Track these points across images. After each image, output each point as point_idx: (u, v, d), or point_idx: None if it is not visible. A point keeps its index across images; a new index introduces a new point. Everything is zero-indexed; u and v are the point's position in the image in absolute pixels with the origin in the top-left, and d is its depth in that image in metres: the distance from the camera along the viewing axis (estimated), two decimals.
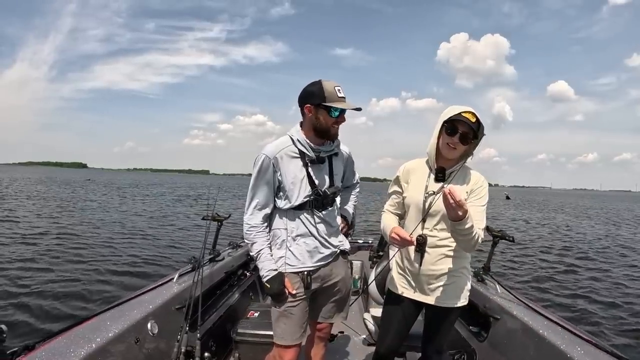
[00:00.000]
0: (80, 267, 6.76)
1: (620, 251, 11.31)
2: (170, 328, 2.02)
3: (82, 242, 8.99)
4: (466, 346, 2.49)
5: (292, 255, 1.79)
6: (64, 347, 1.46)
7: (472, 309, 2.52)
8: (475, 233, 1.55)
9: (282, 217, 1.80)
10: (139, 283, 5.75)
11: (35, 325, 4.27)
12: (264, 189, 1.76)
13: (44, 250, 7.91)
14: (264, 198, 1.77)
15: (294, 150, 1.75)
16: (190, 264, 2.55)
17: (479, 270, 2.76)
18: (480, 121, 1.61)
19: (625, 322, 5.38)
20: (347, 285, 1.98)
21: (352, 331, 3.04)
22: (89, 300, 5.14)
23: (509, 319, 2.18)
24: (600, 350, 1.70)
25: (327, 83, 1.69)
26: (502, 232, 2.65)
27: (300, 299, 1.81)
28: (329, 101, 1.68)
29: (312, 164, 1.77)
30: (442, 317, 1.79)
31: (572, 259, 9.74)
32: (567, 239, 13.47)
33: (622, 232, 16.98)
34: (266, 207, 1.79)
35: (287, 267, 1.79)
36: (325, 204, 1.81)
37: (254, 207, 1.78)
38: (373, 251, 3.99)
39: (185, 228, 12.31)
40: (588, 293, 6.72)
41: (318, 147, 1.77)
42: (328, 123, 1.71)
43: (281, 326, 1.81)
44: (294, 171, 1.74)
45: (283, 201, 1.78)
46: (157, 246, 9.04)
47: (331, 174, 1.84)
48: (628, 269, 8.90)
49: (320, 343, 2.03)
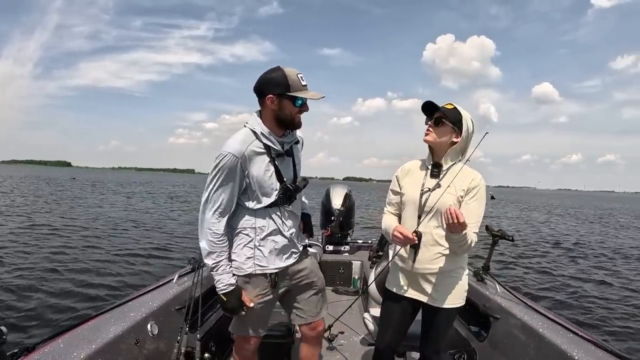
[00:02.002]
0: (80, 268, 6.74)
1: (620, 251, 11.34)
2: (170, 329, 2.02)
3: (81, 243, 8.97)
4: (466, 346, 2.49)
5: (261, 255, 1.70)
6: (64, 349, 1.46)
7: (472, 309, 2.52)
8: (469, 239, 1.57)
9: (250, 216, 1.69)
10: (139, 284, 5.76)
11: (35, 326, 4.26)
12: (228, 192, 1.61)
13: (42, 252, 7.89)
14: (227, 201, 1.63)
15: (259, 145, 1.62)
16: (190, 265, 2.54)
17: (479, 269, 2.76)
18: (459, 110, 1.71)
19: (627, 320, 5.39)
20: (319, 275, 1.92)
21: (352, 331, 3.03)
22: (88, 302, 5.14)
23: (509, 319, 2.17)
24: (600, 350, 1.70)
25: (288, 70, 1.59)
26: (501, 232, 2.62)
27: (266, 300, 1.76)
28: (293, 90, 1.58)
29: (278, 157, 1.67)
30: (438, 317, 1.77)
31: (571, 258, 9.76)
32: (564, 238, 13.51)
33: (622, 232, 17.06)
34: (229, 211, 1.65)
35: (256, 267, 1.70)
36: (292, 197, 1.72)
37: (217, 212, 1.62)
38: (373, 251, 3.99)
39: (185, 228, 12.29)
40: (588, 292, 6.73)
41: (282, 139, 1.68)
42: (292, 113, 1.62)
43: (239, 320, 1.77)
44: (261, 168, 1.63)
45: (252, 202, 1.67)
46: (156, 247, 9.02)
47: (294, 164, 1.76)
48: (628, 268, 8.91)
49: (316, 343, 1.98)
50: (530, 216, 25.11)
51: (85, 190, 30.73)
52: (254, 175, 1.62)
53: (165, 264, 7.43)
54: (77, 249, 8.36)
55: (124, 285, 5.90)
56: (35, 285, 5.64)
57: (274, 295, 1.79)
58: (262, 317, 1.81)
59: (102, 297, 5.32)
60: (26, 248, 8.12)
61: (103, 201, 21.65)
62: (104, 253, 8.10)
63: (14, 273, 6.22)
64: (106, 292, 5.53)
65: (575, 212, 32.82)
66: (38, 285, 5.64)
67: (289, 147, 1.73)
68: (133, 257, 7.87)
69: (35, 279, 5.95)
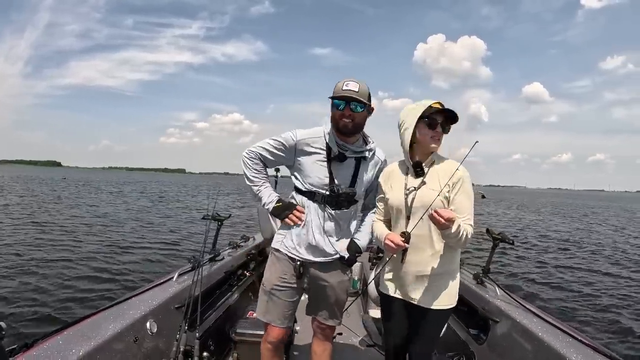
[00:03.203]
0: (80, 265, 6.75)
1: (621, 251, 11.30)
2: (169, 327, 2.02)
3: (81, 240, 9.00)
4: (465, 349, 2.48)
5: (290, 238, 1.84)
6: (63, 345, 1.46)
7: (472, 312, 2.52)
8: (462, 232, 1.55)
9: (297, 198, 1.84)
10: (139, 282, 5.77)
11: (34, 323, 4.26)
12: (274, 154, 1.83)
13: (41, 249, 7.90)
14: (266, 155, 1.84)
15: (322, 142, 1.78)
16: (190, 264, 2.55)
17: (479, 272, 2.75)
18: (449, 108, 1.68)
19: (627, 326, 5.37)
20: (338, 293, 1.93)
21: (351, 332, 3.03)
22: (88, 299, 5.14)
23: (508, 322, 2.17)
24: (599, 354, 1.70)
25: (346, 78, 1.73)
26: (502, 235, 2.60)
27: (288, 286, 1.85)
28: (334, 94, 1.70)
29: (334, 159, 1.77)
30: (425, 319, 1.73)
31: (571, 259, 9.73)
32: (565, 240, 13.48)
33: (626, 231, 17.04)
34: (262, 160, 1.86)
35: (282, 245, 1.85)
36: (339, 203, 1.80)
37: (256, 150, 1.84)
38: (373, 252, 3.98)
39: (185, 227, 12.31)
40: (588, 295, 6.69)
41: (345, 144, 1.77)
42: (336, 116, 1.73)
43: (264, 303, 1.88)
44: (314, 160, 1.78)
45: (299, 182, 1.82)
46: (157, 245, 9.04)
47: (355, 176, 1.82)
48: (629, 269, 8.88)
49: (325, 341, 2.03)
50: (525, 216, 25.11)
51: (80, 189, 30.85)
52: (306, 164, 1.79)
53: (166, 262, 7.44)
54: (76, 247, 8.37)
55: (124, 283, 5.90)
56: (34, 282, 5.64)
57: (297, 286, 1.87)
58: (283, 306, 1.87)
59: (102, 294, 5.31)
60: (24, 246, 8.14)
61: (101, 201, 21.71)
62: (103, 251, 8.10)
63: (13, 270, 6.23)
64: (106, 290, 5.53)
65: (571, 211, 32.86)
66: (37, 283, 5.65)
67: (351, 156, 1.80)
68: (134, 255, 7.88)
69: (34, 276, 5.96)
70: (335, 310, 1.96)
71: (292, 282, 1.84)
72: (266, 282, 1.88)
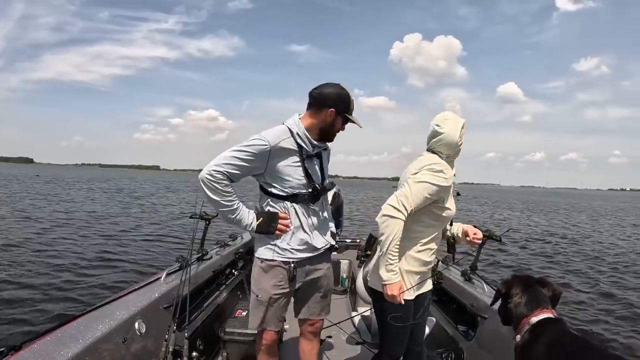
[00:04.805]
0: (66, 266, 6.63)
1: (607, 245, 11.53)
2: (158, 327, 2.01)
3: (67, 240, 8.84)
4: (454, 345, 2.52)
5: (282, 243, 1.82)
6: (51, 347, 1.44)
7: (460, 308, 2.55)
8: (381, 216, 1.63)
9: (278, 205, 1.81)
10: (126, 282, 5.68)
11: (22, 325, 4.19)
12: (244, 167, 1.71)
13: (27, 250, 7.75)
14: (238, 171, 1.71)
15: (292, 143, 1.76)
16: (177, 263, 2.53)
17: (467, 269, 2.79)
18: None
19: (613, 318, 5.48)
20: (330, 280, 2.02)
21: (339, 330, 3.04)
22: (75, 300, 5.06)
23: (496, 318, 2.19)
24: None
25: (351, 94, 1.80)
26: (489, 232, 2.59)
27: (285, 292, 1.85)
28: (350, 113, 1.82)
29: (307, 158, 1.80)
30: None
31: (556, 253, 9.90)
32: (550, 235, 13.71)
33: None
34: (233, 179, 1.72)
35: (275, 254, 1.82)
36: (319, 197, 1.86)
37: (224, 170, 1.68)
38: (361, 250, 4.00)
39: (172, 226, 12.17)
40: (575, 289, 6.82)
41: (315, 143, 1.81)
42: (337, 129, 1.83)
43: (260, 314, 1.85)
44: (289, 163, 1.76)
45: (276, 188, 1.79)
46: (144, 245, 8.92)
47: (322, 169, 1.90)
48: (617, 262, 9.07)
49: (314, 339, 2.05)
50: (503, 213, 25.68)
51: (55, 187, 30.29)
52: (281, 168, 1.75)
53: (154, 261, 7.34)
54: (62, 247, 8.22)
55: (112, 284, 5.80)
56: (21, 284, 5.54)
57: (290, 290, 1.87)
58: (279, 311, 1.88)
59: (90, 295, 5.23)
60: (8, 247, 7.97)
61: (84, 199, 21.39)
62: (89, 251, 7.95)
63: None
64: (94, 291, 5.45)
65: (547, 208, 33.67)
66: (24, 284, 5.55)
67: (318, 151, 1.87)
68: (121, 255, 7.76)
69: (20, 278, 5.84)
70: (326, 301, 2.01)
71: (287, 287, 1.85)
72: (261, 293, 1.84)
